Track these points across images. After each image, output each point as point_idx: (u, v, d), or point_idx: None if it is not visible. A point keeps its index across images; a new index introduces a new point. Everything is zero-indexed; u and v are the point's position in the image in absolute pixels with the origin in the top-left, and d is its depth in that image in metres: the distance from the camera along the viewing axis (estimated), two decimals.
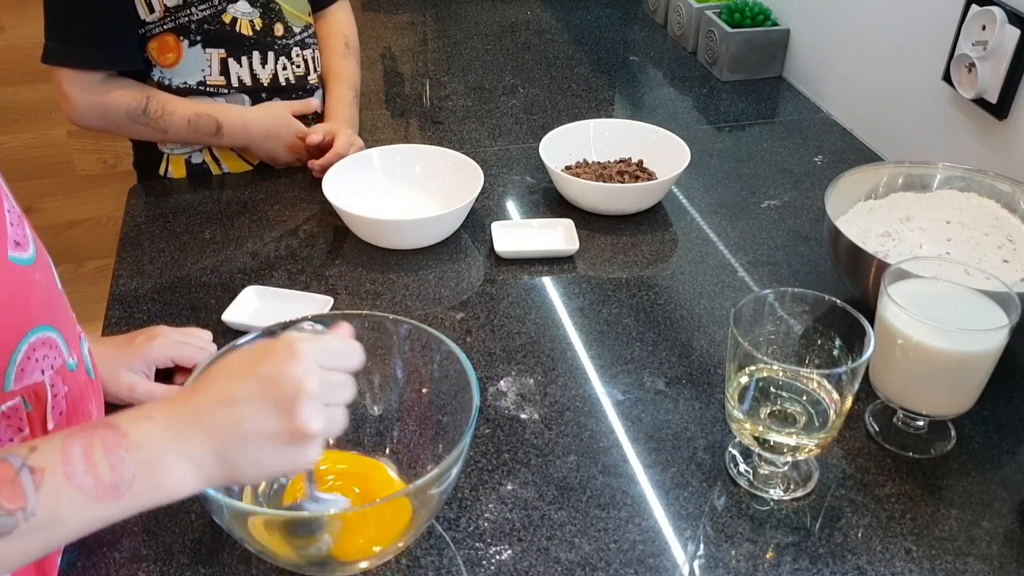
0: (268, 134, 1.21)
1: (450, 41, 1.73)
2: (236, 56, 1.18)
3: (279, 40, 1.21)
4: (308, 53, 1.27)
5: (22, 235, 0.64)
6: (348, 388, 0.58)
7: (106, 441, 0.52)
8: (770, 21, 1.55)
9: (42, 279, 0.66)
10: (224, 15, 1.15)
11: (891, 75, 1.28)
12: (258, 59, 1.20)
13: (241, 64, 1.18)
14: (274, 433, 0.54)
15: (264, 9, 1.19)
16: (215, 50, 1.16)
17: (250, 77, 1.20)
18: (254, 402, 0.54)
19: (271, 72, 1.22)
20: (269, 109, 1.22)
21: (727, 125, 1.41)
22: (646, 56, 1.67)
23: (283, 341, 0.56)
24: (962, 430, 0.82)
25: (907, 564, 0.70)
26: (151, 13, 1.11)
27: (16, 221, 0.64)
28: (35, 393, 0.65)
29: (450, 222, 1.08)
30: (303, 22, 1.25)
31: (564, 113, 1.44)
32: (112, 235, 1.30)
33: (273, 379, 0.54)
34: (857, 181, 0.99)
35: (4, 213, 0.63)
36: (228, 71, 1.18)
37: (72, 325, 0.72)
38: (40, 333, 0.65)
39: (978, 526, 0.73)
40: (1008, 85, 1.04)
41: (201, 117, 1.16)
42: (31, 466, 0.50)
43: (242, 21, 1.17)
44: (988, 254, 0.90)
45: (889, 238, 0.93)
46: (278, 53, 1.22)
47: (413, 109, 1.48)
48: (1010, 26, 1.02)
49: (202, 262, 1.06)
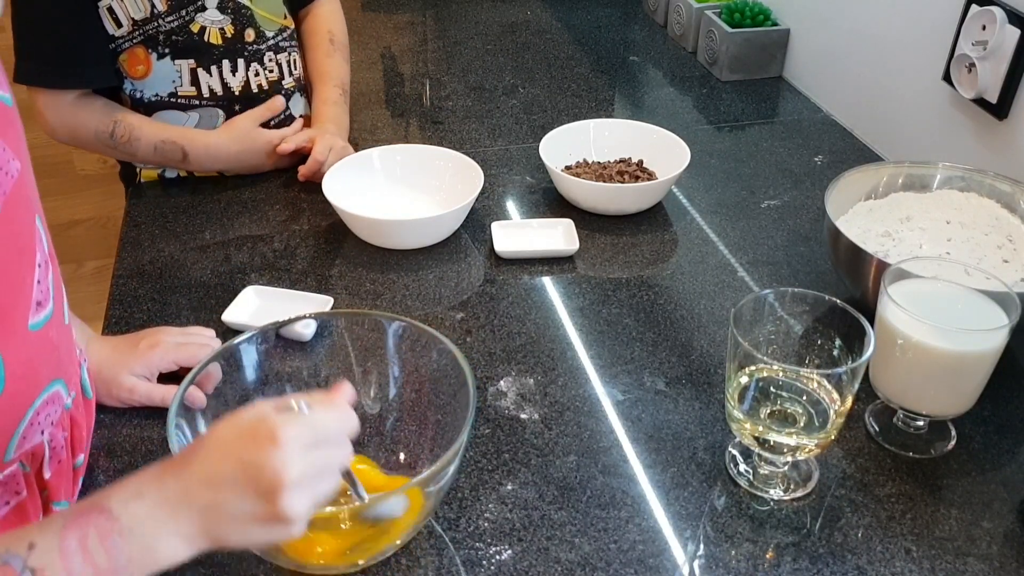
0: (238, 156, 1.19)
1: (450, 41, 1.73)
2: (206, 66, 1.16)
3: (249, 46, 1.19)
4: (283, 57, 1.24)
5: (44, 290, 0.63)
6: (339, 461, 0.58)
7: (100, 529, 0.52)
8: (770, 21, 1.55)
9: (54, 330, 0.65)
10: (192, 24, 1.14)
11: (891, 75, 1.28)
12: (228, 67, 1.18)
13: (211, 73, 1.17)
14: (258, 517, 0.54)
15: (235, 15, 1.17)
16: (184, 61, 1.15)
17: (221, 86, 1.18)
18: (237, 487, 0.54)
19: (242, 79, 1.20)
20: (233, 130, 1.19)
21: (727, 125, 1.41)
22: (646, 56, 1.67)
23: (267, 425, 0.55)
24: (962, 430, 0.82)
25: (907, 564, 0.70)
26: (119, 28, 1.10)
27: (43, 275, 0.63)
28: (33, 454, 0.65)
29: (450, 222, 1.08)
30: (277, 25, 1.23)
31: (564, 113, 1.44)
32: (112, 235, 1.30)
33: (254, 466, 0.54)
34: (857, 181, 0.99)
35: (34, 268, 0.61)
36: (198, 81, 1.17)
37: (73, 359, 0.71)
38: (48, 392, 0.65)
39: (978, 526, 0.73)
40: (1008, 85, 1.04)
41: (166, 144, 1.15)
42: (32, 567, 0.51)
43: (211, 30, 1.15)
44: (988, 254, 0.90)
45: (889, 238, 0.93)
46: (248, 59, 1.20)
47: (413, 109, 1.48)
48: (1010, 26, 1.02)
49: (202, 262, 1.06)
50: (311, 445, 0.55)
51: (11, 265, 0.59)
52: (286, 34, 1.25)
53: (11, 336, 0.59)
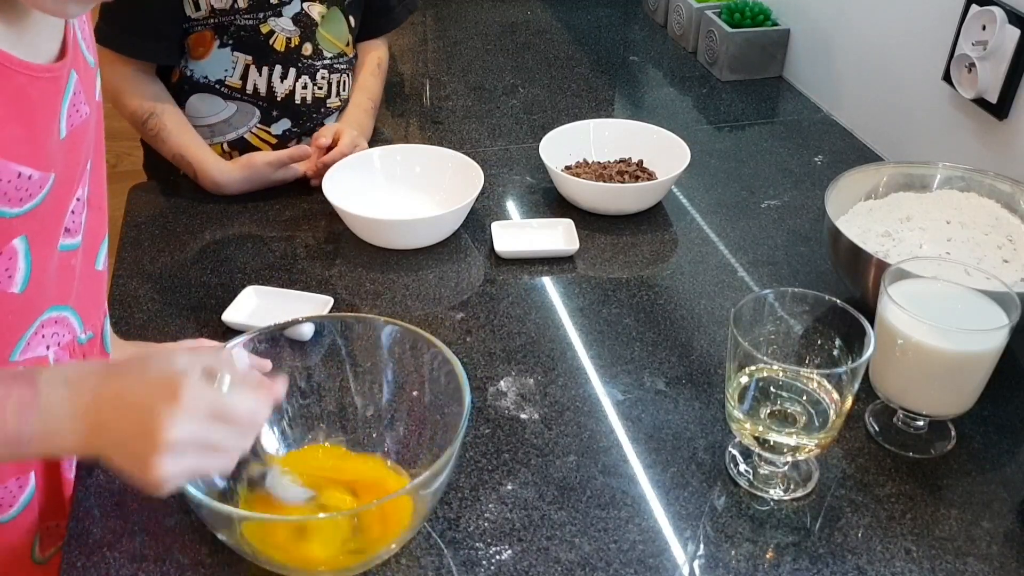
0: (246, 183, 1.18)
1: (450, 41, 1.73)
2: (259, 65, 1.19)
3: (305, 59, 1.22)
4: (336, 77, 1.27)
5: (77, 223, 0.68)
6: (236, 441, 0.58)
7: (22, 400, 0.55)
8: (770, 21, 1.55)
9: (79, 263, 0.70)
10: (263, 26, 1.17)
11: (891, 75, 1.28)
12: (279, 72, 1.21)
13: (261, 73, 1.20)
14: (131, 458, 0.56)
15: (304, 29, 1.20)
16: (243, 55, 1.18)
17: (266, 88, 1.21)
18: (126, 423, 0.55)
19: (289, 88, 1.22)
20: (247, 168, 1.17)
21: (727, 125, 1.41)
22: (646, 56, 1.67)
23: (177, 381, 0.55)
24: (962, 430, 0.82)
25: (907, 564, 0.70)
26: (197, 11, 1.14)
27: (79, 209, 0.68)
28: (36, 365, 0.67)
29: (450, 222, 1.08)
30: (337, 49, 1.26)
31: (564, 113, 1.44)
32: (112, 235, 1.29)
33: (147, 412, 0.54)
34: (857, 181, 0.99)
35: (72, 200, 0.67)
36: (247, 77, 1.19)
37: (99, 302, 0.75)
38: (54, 312, 0.68)
39: (978, 526, 0.73)
40: (1008, 85, 1.04)
41: (184, 159, 1.17)
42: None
43: (279, 36, 1.18)
44: (988, 254, 0.90)
45: (889, 238, 0.93)
46: (300, 71, 1.22)
47: (413, 109, 1.48)
48: (1010, 26, 1.02)
49: (202, 262, 1.06)
50: (208, 418, 0.56)
51: (63, 187, 0.64)
52: (344, 59, 1.28)
53: (44, 245, 0.64)
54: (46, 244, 0.65)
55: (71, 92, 0.64)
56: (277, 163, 1.17)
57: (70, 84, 0.64)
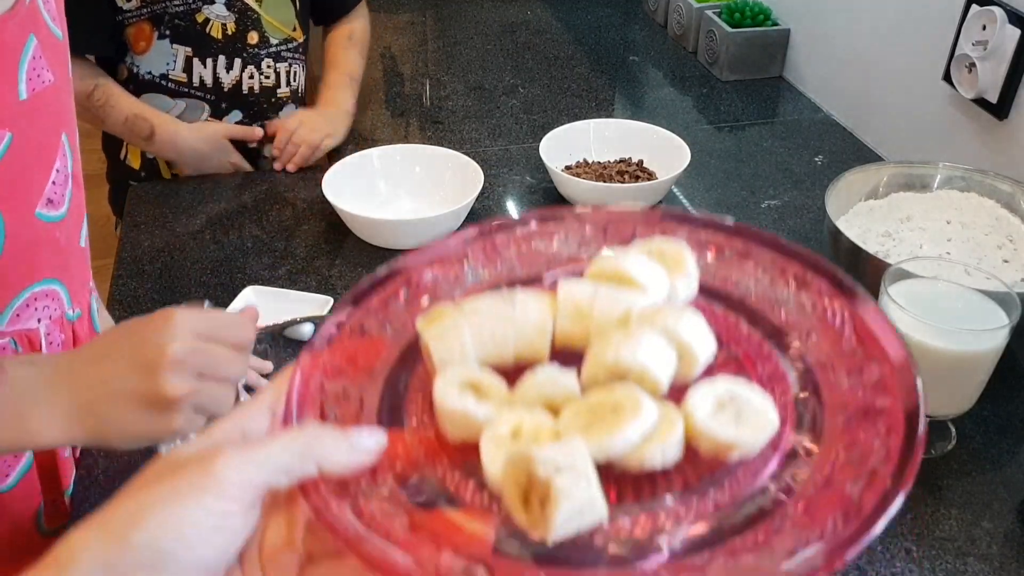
0: (200, 156, 1.21)
1: (450, 41, 1.73)
2: (201, 57, 1.18)
3: (250, 48, 1.21)
4: (283, 66, 1.26)
5: (60, 195, 0.68)
6: (230, 363, 0.57)
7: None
8: (770, 21, 1.55)
9: (63, 236, 0.69)
10: (198, 14, 1.16)
11: (891, 75, 1.28)
12: (223, 63, 1.20)
13: (205, 65, 1.19)
14: (136, 394, 0.54)
15: (240, 15, 1.19)
16: (182, 47, 1.17)
17: (212, 79, 1.20)
18: (121, 360, 0.55)
19: (235, 78, 1.22)
20: (206, 131, 1.21)
21: (727, 125, 1.41)
22: (646, 56, 1.67)
23: (164, 311, 0.56)
24: (962, 430, 0.82)
25: (907, 564, 0.70)
26: (128, 1, 1.13)
27: (60, 181, 0.68)
28: (28, 338, 0.67)
29: (450, 222, 1.08)
30: (283, 35, 1.25)
31: (564, 113, 1.44)
32: (112, 235, 1.30)
33: (142, 341, 0.55)
34: (857, 181, 0.99)
35: (52, 171, 0.66)
36: (191, 69, 1.19)
37: (84, 280, 0.75)
38: (44, 285, 0.68)
39: (978, 526, 0.73)
40: (1008, 85, 1.04)
41: (138, 119, 1.17)
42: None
43: (215, 23, 1.17)
44: (988, 254, 0.90)
45: (889, 238, 0.93)
46: (246, 61, 1.22)
47: (413, 109, 1.48)
48: (1010, 26, 1.02)
49: (202, 262, 1.06)
50: (204, 335, 0.56)
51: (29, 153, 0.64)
52: (291, 45, 1.27)
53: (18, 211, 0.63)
54: (17, 209, 0.64)
55: (29, 54, 0.64)
56: (232, 133, 1.21)
57: (28, 45, 0.64)
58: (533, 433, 0.37)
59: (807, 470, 0.37)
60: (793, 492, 0.36)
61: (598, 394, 0.39)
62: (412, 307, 0.46)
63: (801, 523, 0.34)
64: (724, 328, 0.44)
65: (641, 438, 0.37)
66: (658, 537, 0.35)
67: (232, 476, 0.32)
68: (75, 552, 0.30)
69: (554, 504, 0.33)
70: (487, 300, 0.42)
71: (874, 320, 0.42)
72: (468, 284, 0.48)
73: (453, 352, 0.40)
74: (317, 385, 0.40)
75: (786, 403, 0.40)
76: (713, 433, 0.37)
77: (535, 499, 0.34)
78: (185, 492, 0.31)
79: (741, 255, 0.48)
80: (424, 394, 0.41)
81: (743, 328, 0.45)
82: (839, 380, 0.41)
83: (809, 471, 0.37)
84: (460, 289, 0.47)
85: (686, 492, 0.37)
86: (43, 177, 0.66)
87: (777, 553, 0.33)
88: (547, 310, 0.42)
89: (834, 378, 0.41)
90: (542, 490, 0.34)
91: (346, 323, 0.43)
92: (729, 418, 0.37)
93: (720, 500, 0.36)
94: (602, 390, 0.39)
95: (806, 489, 0.36)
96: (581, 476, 0.34)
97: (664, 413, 0.38)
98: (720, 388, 0.39)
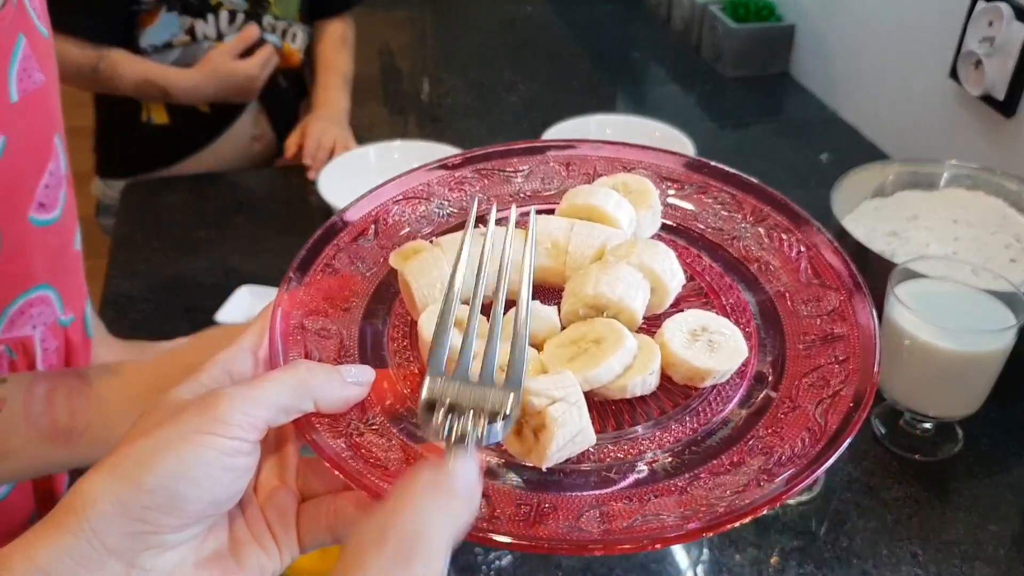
0: (216, 94, 1.22)
1: (449, 37, 1.72)
2: (204, 16, 1.20)
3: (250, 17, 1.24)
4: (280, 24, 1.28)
5: (53, 198, 0.67)
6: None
7: (72, 388, 0.53)
8: (774, 16, 1.53)
9: (56, 240, 0.68)
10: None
11: (897, 72, 1.27)
12: (226, 18, 1.21)
13: (207, 21, 1.21)
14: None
15: (253, 5, 1.21)
16: (189, 17, 1.19)
17: (216, 33, 1.22)
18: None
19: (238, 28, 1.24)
20: (209, 68, 1.21)
21: (731, 122, 1.40)
22: (648, 52, 1.66)
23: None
24: (969, 432, 0.81)
25: (913, 568, 0.69)
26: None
27: (53, 184, 0.67)
28: (23, 345, 0.66)
29: None
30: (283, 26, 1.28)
31: (565, 110, 1.42)
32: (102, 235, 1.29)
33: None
34: (863, 179, 0.98)
35: (45, 174, 0.65)
36: (194, 31, 1.20)
37: (78, 285, 0.74)
38: (39, 291, 0.67)
39: (985, 529, 0.72)
40: (1015, 82, 1.02)
41: (147, 84, 1.18)
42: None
43: (225, 6, 1.20)
44: (995, 253, 0.89)
45: (896, 237, 0.92)
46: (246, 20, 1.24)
47: (411, 106, 1.47)
48: (1017, 22, 1.00)
49: (196, 262, 1.05)
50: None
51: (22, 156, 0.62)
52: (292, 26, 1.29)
53: (10, 216, 0.62)
54: (13, 215, 0.63)
55: (19, 55, 0.62)
56: (232, 51, 1.21)
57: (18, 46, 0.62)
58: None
59: (774, 394, 0.39)
60: (765, 413, 0.38)
61: (580, 328, 0.41)
62: (383, 243, 0.47)
63: (771, 443, 0.37)
64: (687, 260, 0.46)
65: (623, 368, 0.39)
66: (639, 460, 0.37)
67: (236, 416, 0.33)
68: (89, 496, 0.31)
69: (549, 433, 0.35)
70: (462, 237, 0.43)
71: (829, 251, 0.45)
72: (435, 220, 0.49)
73: (434, 288, 0.42)
74: (298, 324, 0.41)
75: (750, 332, 0.42)
76: (689, 362, 0.39)
77: (528, 430, 0.36)
78: (192, 435, 0.32)
79: (700, 189, 0.50)
80: (403, 331, 0.43)
81: (705, 260, 0.47)
82: (797, 309, 0.43)
83: (776, 395, 0.39)
84: (429, 225, 0.49)
85: (664, 417, 0.39)
86: (36, 180, 0.65)
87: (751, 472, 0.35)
88: (523, 246, 0.43)
89: (792, 307, 0.43)
90: (536, 420, 0.35)
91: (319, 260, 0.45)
92: (702, 347, 0.40)
93: (696, 424, 0.39)
94: (583, 324, 0.41)
95: (775, 411, 0.38)
96: (573, 406, 0.36)
97: (642, 344, 0.40)
98: (691, 319, 0.41)
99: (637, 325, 0.42)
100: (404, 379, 0.40)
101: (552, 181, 0.51)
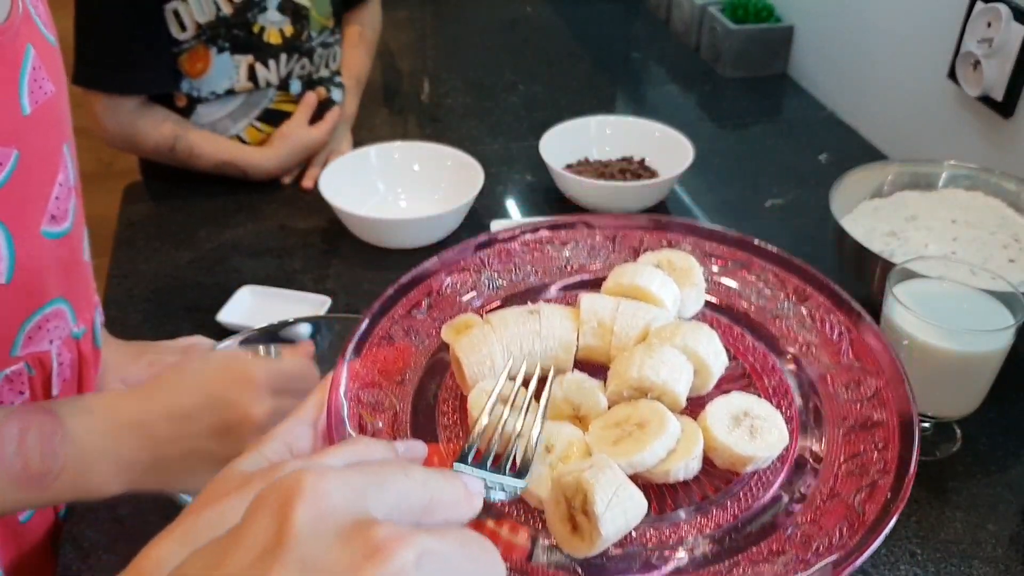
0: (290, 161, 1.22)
1: (449, 37, 1.72)
2: (264, 60, 1.17)
3: (304, 44, 1.22)
4: (327, 52, 1.27)
5: (63, 209, 0.66)
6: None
7: (43, 429, 0.52)
8: (773, 17, 1.53)
9: (67, 251, 0.68)
10: (253, 26, 1.15)
11: (896, 72, 1.27)
12: (284, 61, 1.20)
13: (268, 67, 1.18)
14: (215, 456, 0.54)
15: (294, 16, 1.18)
16: (243, 56, 1.15)
17: (277, 79, 1.20)
18: (202, 422, 0.54)
19: (288, 71, 1.22)
20: (288, 143, 1.21)
21: (730, 123, 1.40)
22: (648, 53, 1.66)
23: (239, 362, 0.56)
24: (968, 432, 0.81)
25: (912, 567, 0.69)
26: (184, 31, 1.10)
27: (63, 195, 0.66)
28: (40, 360, 0.66)
29: (449, 221, 1.07)
30: (321, 25, 1.25)
31: (565, 110, 1.42)
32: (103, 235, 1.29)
33: (225, 404, 0.54)
34: (862, 180, 0.98)
35: (55, 185, 0.65)
36: (255, 76, 1.17)
37: (88, 295, 0.74)
38: (54, 305, 0.67)
39: (984, 529, 0.72)
40: (1014, 83, 1.03)
41: (228, 165, 1.17)
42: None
43: (270, 31, 1.16)
44: (994, 253, 0.89)
45: (894, 237, 0.92)
46: (301, 55, 1.22)
47: (412, 106, 1.48)
48: (1015, 23, 1.01)
49: (197, 262, 1.05)
50: (279, 390, 0.55)
51: (34, 169, 0.62)
52: (327, 32, 1.27)
53: (24, 231, 0.61)
54: (26, 230, 0.62)
55: (29, 66, 0.62)
56: (305, 121, 1.21)
57: (27, 57, 0.62)
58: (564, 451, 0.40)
59: (814, 480, 0.39)
60: (804, 501, 0.38)
61: (624, 409, 0.42)
62: (434, 315, 0.49)
63: (810, 533, 0.37)
64: (730, 340, 0.47)
65: (666, 452, 0.40)
66: (681, 546, 0.37)
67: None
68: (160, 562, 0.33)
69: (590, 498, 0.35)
70: (513, 313, 0.44)
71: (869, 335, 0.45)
72: (486, 293, 0.51)
73: (484, 365, 0.43)
74: (354, 397, 0.42)
75: (791, 416, 0.42)
76: (731, 448, 0.39)
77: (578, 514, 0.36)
78: None
79: (744, 267, 0.50)
80: (454, 404, 0.44)
81: (748, 340, 0.47)
82: (838, 392, 0.43)
83: (816, 482, 0.39)
84: (479, 297, 0.51)
85: (705, 502, 0.39)
86: (47, 192, 0.65)
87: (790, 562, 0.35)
88: (572, 325, 0.44)
89: (833, 390, 0.44)
90: (579, 496, 0.36)
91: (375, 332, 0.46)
92: (744, 433, 0.40)
93: (737, 510, 0.39)
94: (627, 405, 0.42)
95: (813, 499, 0.38)
96: (606, 467, 0.37)
97: (685, 428, 0.41)
98: (734, 404, 0.41)
99: (681, 407, 0.42)
100: (453, 454, 0.41)
101: (599, 254, 0.52)
